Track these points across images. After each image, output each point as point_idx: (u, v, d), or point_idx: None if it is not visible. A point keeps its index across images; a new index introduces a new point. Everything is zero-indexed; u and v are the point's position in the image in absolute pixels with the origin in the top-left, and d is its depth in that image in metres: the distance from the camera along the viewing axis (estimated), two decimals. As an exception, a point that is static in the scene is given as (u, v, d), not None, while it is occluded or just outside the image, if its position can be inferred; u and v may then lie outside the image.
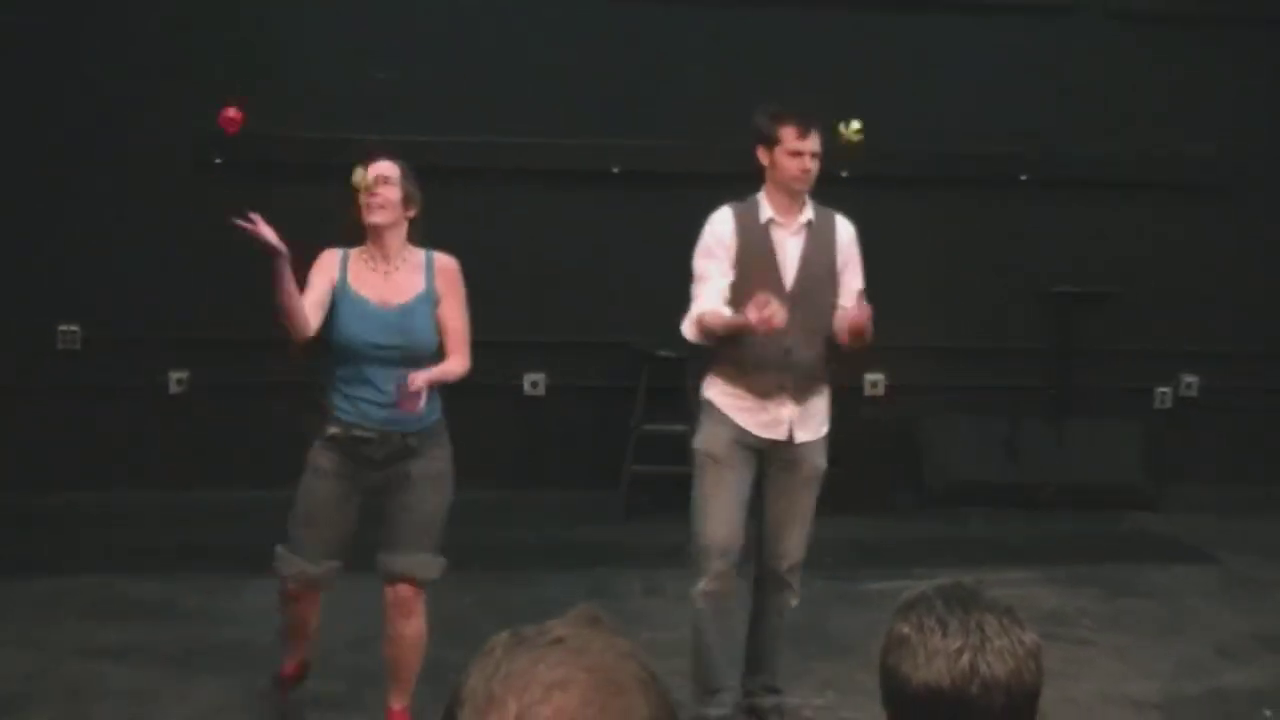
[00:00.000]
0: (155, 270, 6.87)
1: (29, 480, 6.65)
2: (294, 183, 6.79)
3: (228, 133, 4.57)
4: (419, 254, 4.04)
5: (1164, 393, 7.65)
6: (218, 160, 6.83)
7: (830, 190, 4.45)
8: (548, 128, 7.02)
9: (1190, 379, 7.65)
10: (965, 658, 1.60)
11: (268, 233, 3.75)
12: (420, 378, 3.82)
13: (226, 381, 6.96)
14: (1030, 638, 1.65)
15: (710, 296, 4.13)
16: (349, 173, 4.06)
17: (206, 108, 6.80)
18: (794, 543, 4.30)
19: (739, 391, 4.18)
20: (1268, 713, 4.58)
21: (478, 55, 6.96)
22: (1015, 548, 6.46)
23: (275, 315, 3.89)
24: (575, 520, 6.76)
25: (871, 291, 4.49)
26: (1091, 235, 7.49)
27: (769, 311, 3.78)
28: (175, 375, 6.94)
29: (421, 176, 4.14)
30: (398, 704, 4.14)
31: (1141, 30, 7.42)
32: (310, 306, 3.90)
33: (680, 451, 6.81)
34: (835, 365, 4.36)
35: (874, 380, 7.40)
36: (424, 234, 4.08)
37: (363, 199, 3.96)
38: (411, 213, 4.02)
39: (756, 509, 4.33)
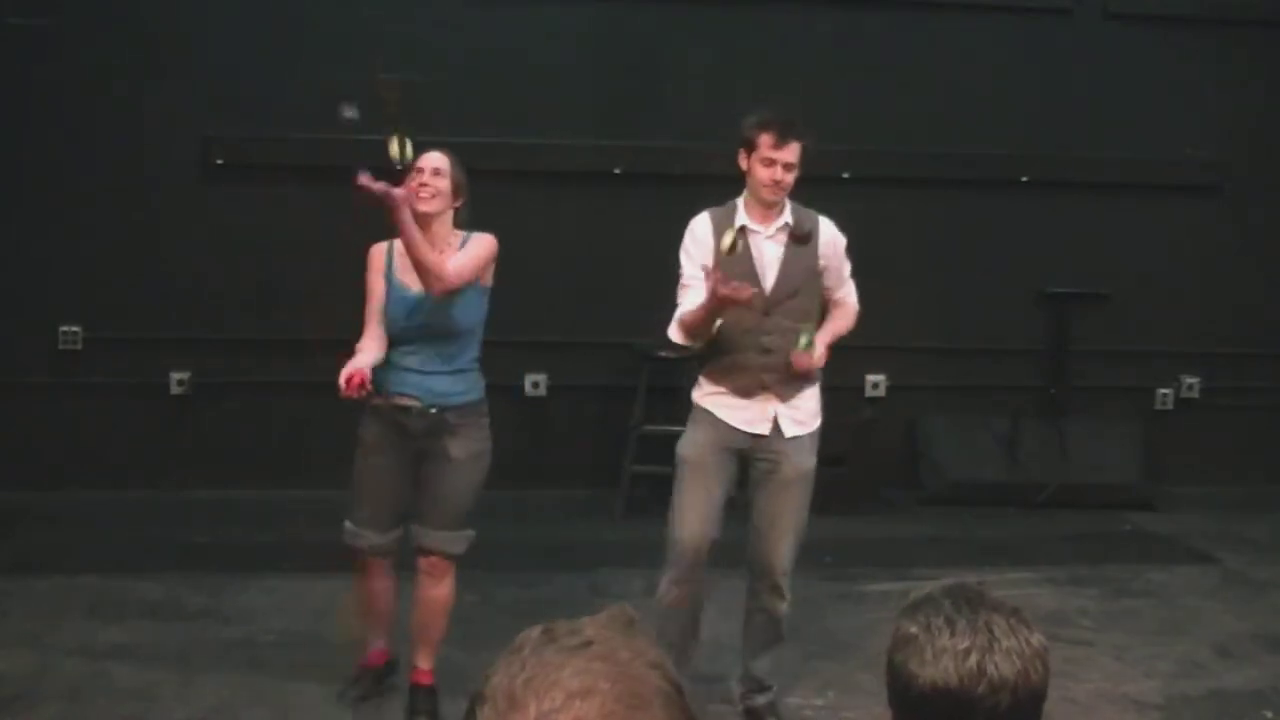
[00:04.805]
0: (155, 270, 6.87)
1: (29, 480, 6.65)
2: (295, 184, 6.80)
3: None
4: (460, 237, 4.23)
5: (1165, 394, 7.66)
6: (219, 161, 6.83)
7: (831, 191, 4.47)
8: (548, 129, 7.03)
9: (1190, 380, 7.65)
10: (973, 658, 1.60)
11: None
12: (392, 191, 3.89)
13: (226, 381, 6.97)
14: (1037, 639, 1.65)
15: (691, 303, 4.22)
16: (350, 175, 4.07)
17: (208, 108, 6.86)
18: (782, 550, 4.27)
19: (722, 389, 4.25)
20: (1268, 714, 4.58)
21: (478, 57, 6.96)
22: (1015, 548, 6.47)
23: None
24: (575, 520, 6.77)
25: (873, 292, 4.51)
26: (1091, 236, 7.50)
27: (732, 287, 3.88)
28: (175, 375, 6.94)
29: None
30: (424, 664, 4.35)
31: (1141, 31, 7.42)
32: (374, 323, 4.19)
33: (680, 451, 6.84)
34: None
35: (874, 380, 7.41)
36: (469, 221, 4.27)
37: (410, 178, 4.12)
38: (459, 202, 4.22)
39: (745, 514, 4.35)
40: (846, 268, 4.38)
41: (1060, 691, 4.50)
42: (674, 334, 4.26)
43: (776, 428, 4.23)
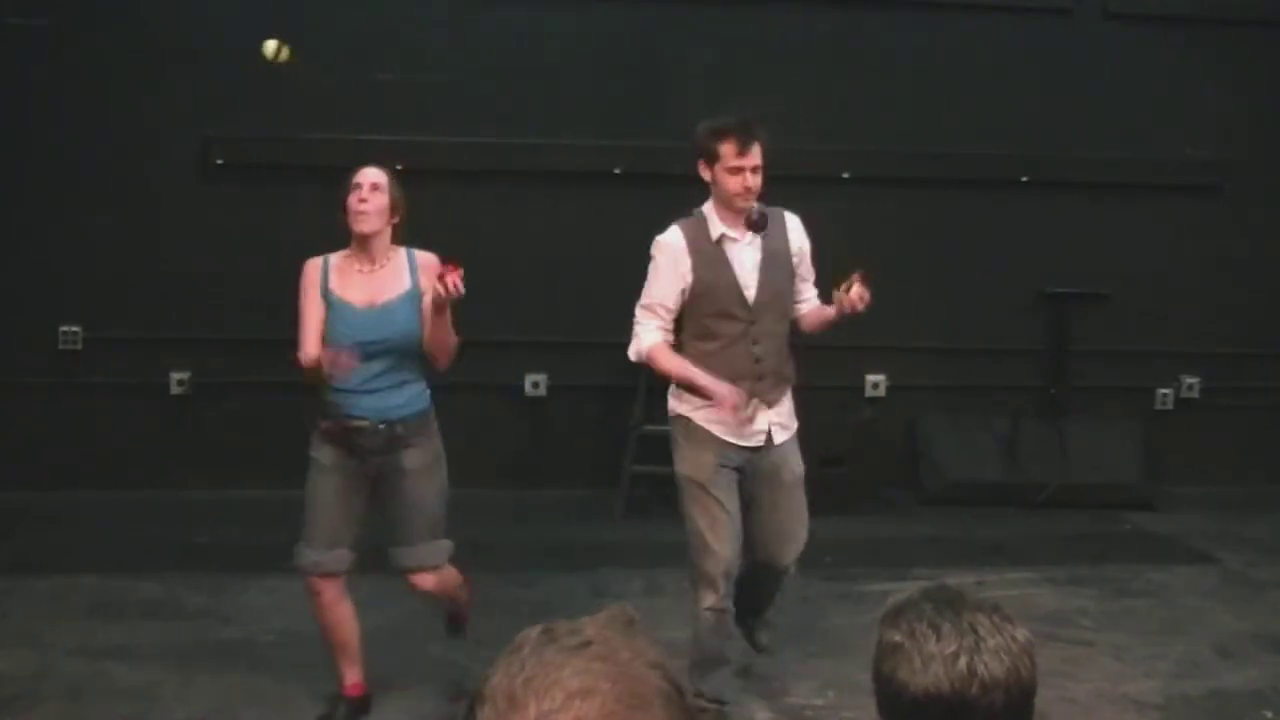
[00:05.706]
0: (155, 270, 6.87)
1: (29, 480, 6.66)
2: (295, 184, 6.80)
3: None
4: (400, 253, 4.19)
5: (1165, 394, 7.66)
6: (219, 161, 6.83)
7: (831, 191, 4.47)
8: (549, 129, 7.03)
9: (1190, 380, 7.65)
10: (962, 660, 1.60)
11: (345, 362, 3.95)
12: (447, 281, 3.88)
13: (226, 381, 6.97)
14: (1022, 634, 1.64)
15: (654, 332, 4.17)
16: (349, 175, 4.12)
17: (208, 108, 6.86)
18: (791, 552, 4.35)
19: (713, 406, 4.15)
20: (1268, 714, 4.58)
21: (479, 57, 6.97)
22: (1015, 548, 6.46)
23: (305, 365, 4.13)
24: (575, 520, 6.76)
25: (873, 292, 4.50)
26: (1091, 236, 7.50)
27: (735, 406, 4.00)
28: (175, 375, 6.94)
29: (422, 178, 4.20)
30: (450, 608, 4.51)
31: (1141, 31, 7.42)
32: (315, 335, 4.10)
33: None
34: (797, 351, 4.41)
35: (874, 380, 7.41)
36: (404, 235, 4.22)
37: (352, 202, 4.10)
38: (395, 218, 4.17)
39: (745, 521, 4.32)
40: (812, 273, 4.38)
41: (1060, 691, 4.52)
42: (633, 356, 4.23)
43: (768, 437, 4.24)
